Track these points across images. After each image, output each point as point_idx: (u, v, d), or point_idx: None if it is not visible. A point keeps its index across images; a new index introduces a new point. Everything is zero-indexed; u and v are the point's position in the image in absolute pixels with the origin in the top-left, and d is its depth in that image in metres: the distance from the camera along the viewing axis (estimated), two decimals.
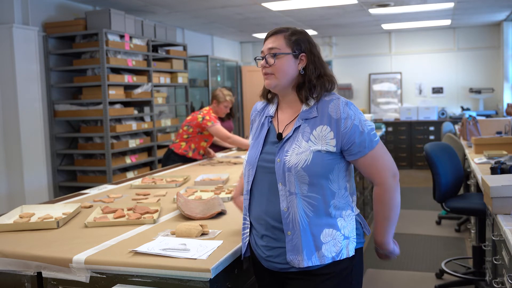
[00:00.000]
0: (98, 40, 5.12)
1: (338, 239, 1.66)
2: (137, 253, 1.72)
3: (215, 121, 4.31)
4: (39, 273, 1.77)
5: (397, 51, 9.79)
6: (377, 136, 1.71)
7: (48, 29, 5.21)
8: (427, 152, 3.68)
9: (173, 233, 1.95)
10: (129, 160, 5.55)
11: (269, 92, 1.84)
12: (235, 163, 4.07)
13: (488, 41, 9.20)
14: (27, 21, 4.90)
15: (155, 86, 6.08)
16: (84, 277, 1.70)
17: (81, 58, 5.37)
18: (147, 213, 2.31)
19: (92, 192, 3.02)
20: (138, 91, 5.66)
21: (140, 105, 6.01)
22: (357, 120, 1.67)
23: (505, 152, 3.86)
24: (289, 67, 1.72)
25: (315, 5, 6.40)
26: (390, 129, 9.32)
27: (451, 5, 6.78)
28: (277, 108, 1.83)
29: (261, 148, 1.77)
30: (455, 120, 8.65)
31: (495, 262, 2.51)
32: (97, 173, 5.42)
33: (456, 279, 3.82)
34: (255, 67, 10.24)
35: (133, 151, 5.75)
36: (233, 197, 2.09)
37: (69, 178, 5.57)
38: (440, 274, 3.96)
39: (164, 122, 6.26)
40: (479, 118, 5.35)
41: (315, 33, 9.23)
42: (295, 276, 1.69)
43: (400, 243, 4.94)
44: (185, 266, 1.59)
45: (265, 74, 1.75)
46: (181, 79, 6.59)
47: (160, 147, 6.20)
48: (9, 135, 4.76)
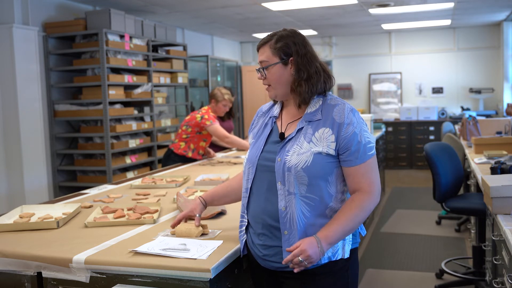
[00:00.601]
0: (98, 40, 5.12)
1: None
2: (137, 253, 1.72)
3: (213, 120, 4.31)
4: (39, 273, 1.77)
5: (397, 51, 9.79)
6: (373, 150, 1.70)
7: (48, 29, 5.21)
8: (427, 152, 3.68)
9: (173, 233, 1.95)
10: (129, 160, 5.55)
11: None
12: (235, 163, 4.07)
13: (488, 41, 9.20)
14: (27, 21, 4.90)
15: (155, 86, 6.08)
16: (84, 277, 1.70)
17: (81, 58, 5.37)
18: (147, 213, 2.31)
19: (92, 192, 3.02)
20: (138, 91, 5.66)
21: (140, 105, 6.01)
22: (358, 128, 1.67)
23: (505, 152, 3.86)
24: (281, 76, 1.74)
25: (315, 5, 6.40)
26: (390, 129, 9.32)
27: (451, 5, 6.78)
28: (281, 109, 1.85)
29: (262, 147, 1.78)
30: (455, 120, 8.65)
31: (495, 262, 2.51)
32: (97, 173, 5.42)
33: (456, 279, 3.82)
34: (255, 67, 10.24)
35: (133, 151, 5.75)
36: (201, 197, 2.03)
37: (69, 178, 5.57)
38: (440, 274, 3.96)
39: (164, 122, 6.26)
40: (479, 118, 5.35)
41: (315, 33, 9.24)
42: (291, 275, 1.70)
43: (400, 243, 4.96)
44: (185, 266, 1.59)
45: (265, 85, 1.80)
46: (181, 79, 6.59)
47: (160, 147, 6.20)
48: (9, 135, 4.76)
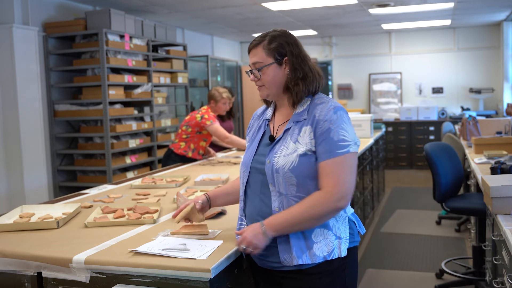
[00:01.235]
0: (98, 40, 5.12)
1: (330, 239, 1.68)
2: (137, 253, 1.72)
3: (213, 120, 4.31)
4: (39, 273, 1.77)
5: (397, 51, 9.79)
6: (346, 149, 1.63)
7: (48, 29, 5.21)
8: (427, 152, 3.68)
9: (173, 233, 1.95)
10: (129, 160, 5.55)
11: None
12: (235, 163, 4.07)
13: (488, 41, 9.20)
14: (27, 21, 4.90)
15: (155, 86, 6.08)
16: (84, 277, 1.70)
17: (81, 58, 5.37)
18: (147, 213, 2.31)
19: (92, 192, 3.02)
20: (138, 91, 5.66)
21: (140, 105, 6.01)
22: (334, 125, 1.65)
23: (505, 152, 3.86)
24: (275, 76, 1.74)
25: (315, 5, 6.40)
26: (390, 129, 9.32)
27: (451, 5, 6.79)
28: (274, 111, 1.86)
29: (255, 150, 1.81)
30: (455, 120, 8.65)
31: (495, 262, 2.51)
32: (97, 173, 5.42)
33: (456, 279, 3.82)
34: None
35: (133, 151, 5.75)
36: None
37: (69, 178, 5.57)
38: (440, 274, 3.96)
39: (164, 122, 6.26)
40: (479, 118, 5.35)
41: (315, 33, 9.24)
42: (288, 275, 1.71)
43: (400, 243, 4.96)
44: (185, 266, 1.59)
45: (257, 85, 1.79)
46: (181, 79, 6.59)
47: (160, 147, 6.20)
48: (9, 135, 4.76)
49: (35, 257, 1.76)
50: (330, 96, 9.97)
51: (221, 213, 2.28)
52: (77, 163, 5.45)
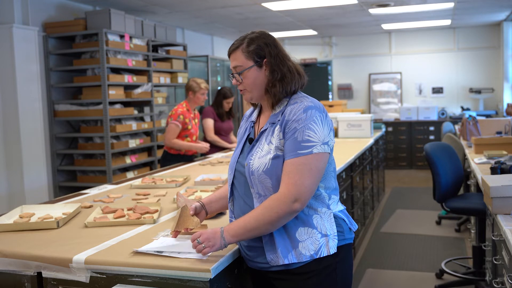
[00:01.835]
0: (98, 40, 5.12)
1: (316, 237, 1.66)
2: (137, 253, 1.72)
3: (174, 118, 4.29)
4: (39, 273, 1.77)
5: (397, 51, 9.79)
6: (309, 151, 1.61)
7: (48, 29, 5.21)
8: (427, 152, 3.68)
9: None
10: (129, 160, 5.55)
11: None
12: None
13: (488, 41, 9.20)
14: (27, 21, 4.90)
15: (155, 86, 6.08)
16: (84, 277, 1.70)
17: (81, 58, 5.37)
18: (147, 213, 2.31)
19: (92, 192, 3.02)
20: (138, 91, 5.66)
21: (140, 105, 6.01)
22: (302, 125, 1.63)
23: (505, 152, 3.86)
24: (256, 79, 1.74)
25: (315, 5, 6.40)
26: (390, 129, 9.32)
27: (451, 5, 6.79)
28: (260, 113, 1.87)
29: (239, 153, 1.82)
30: (455, 120, 8.65)
31: (495, 262, 2.51)
32: (97, 173, 5.42)
33: (456, 279, 3.82)
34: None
35: (133, 151, 5.75)
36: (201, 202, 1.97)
37: (69, 178, 5.57)
38: (440, 274, 3.96)
39: (164, 122, 6.26)
40: (479, 118, 5.35)
41: (315, 33, 9.24)
42: (277, 276, 1.71)
43: (400, 243, 4.96)
44: (185, 266, 1.59)
45: (239, 90, 1.79)
46: (181, 79, 6.59)
47: (160, 147, 6.19)
48: (9, 135, 4.76)
49: (35, 257, 1.76)
50: (330, 96, 9.98)
51: (221, 213, 2.28)
52: (77, 163, 5.45)
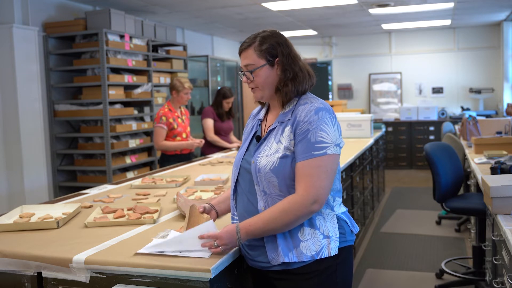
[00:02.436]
0: (98, 40, 5.12)
1: (318, 238, 1.67)
2: (137, 253, 1.71)
3: (157, 121, 4.31)
4: (39, 273, 1.77)
5: (397, 51, 9.79)
6: (324, 153, 1.62)
7: (48, 29, 5.21)
8: (427, 152, 3.68)
9: None
10: (129, 160, 5.55)
11: None
12: None
13: (488, 41, 9.20)
14: (27, 21, 4.90)
15: (155, 86, 6.08)
16: (84, 277, 1.70)
17: (81, 58, 5.37)
18: (147, 213, 2.31)
19: (92, 192, 3.02)
20: (138, 91, 5.66)
21: (140, 105, 6.01)
22: (314, 126, 1.64)
23: (505, 152, 3.86)
24: (268, 77, 1.75)
25: (315, 5, 6.41)
26: (390, 129, 9.32)
27: (451, 5, 6.79)
28: (267, 111, 1.87)
29: (245, 150, 1.83)
30: (455, 120, 8.65)
31: (495, 262, 2.51)
32: (97, 173, 5.42)
33: (456, 279, 3.82)
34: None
35: (133, 151, 5.75)
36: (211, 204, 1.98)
37: (69, 178, 5.57)
38: (440, 274, 3.96)
39: None
40: (479, 118, 5.35)
41: (315, 33, 9.24)
42: (278, 276, 1.71)
43: (400, 243, 4.95)
44: (185, 266, 1.59)
45: (250, 88, 1.80)
46: None
47: None
48: (9, 135, 4.76)
49: (35, 257, 1.76)
50: (330, 96, 9.98)
51: None
52: (77, 163, 5.45)
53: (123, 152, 5.56)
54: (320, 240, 1.67)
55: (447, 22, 8.42)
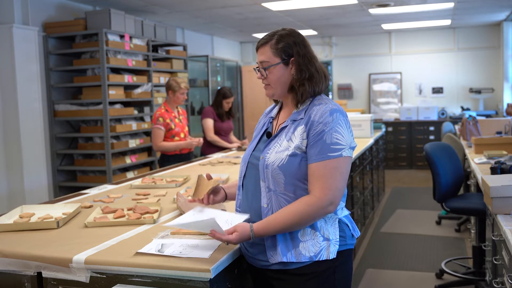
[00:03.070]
0: (98, 40, 5.12)
1: (317, 240, 1.67)
2: (137, 253, 1.72)
3: (154, 122, 4.32)
4: (39, 273, 1.77)
5: (397, 51, 9.79)
6: (338, 153, 1.63)
7: (48, 29, 5.21)
8: (427, 152, 3.68)
9: (173, 233, 1.95)
10: (129, 160, 5.55)
11: None
12: (235, 163, 4.06)
13: (488, 41, 9.20)
14: (27, 21, 4.90)
15: (155, 86, 6.08)
16: (84, 277, 1.70)
17: (81, 58, 5.37)
18: (147, 213, 2.31)
19: (92, 192, 3.02)
20: (138, 91, 5.66)
21: (140, 105, 6.01)
22: (329, 127, 1.64)
23: (505, 152, 3.86)
24: (282, 76, 1.75)
25: (315, 5, 6.41)
26: (390, 129, 9.32)
27: (451, 5, 6.79)
28: (280, 109, 1.87)
29: (254, 146, 1.83)
30: (455, 120, 8.65)
31: (495, 262, 2.51)
32: (97, 173, 5.42)
33: (456, 279, 3.82)
34: (255, 66, 10.24)
35: (133, 151, 5.75)
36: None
37: (69, 178, 5.57)
38: (440, 274, 3.96)
39: None
40: (479, 118, 5.35)
41: (315, 33, 9.24)
42: (276, 275, 1.71)
43: (400, 243, 4.95)
44: (185, 266, 1.59)
45: (263, 84, 1.80)
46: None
47: None
48: (9, 135, 4.76)
49: (35, 257, 1.76)
50: (330, 96, 9.98)
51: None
52: (77, 163, 5.45)
53: (123, 152, 5.56)
54: (320, 242, 1.66)
55: (447, 22, 8.42)
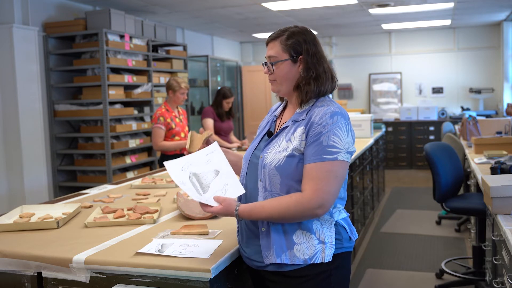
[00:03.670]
0: (98, 40, 5.12)
1: (312, 243, 1.65)
2: (137, 253, 1.71)
3: (155, 121, 4.31)
4: (39, 273, 1.77)
5: (397, 51, 9.79)
6: (335, 158, 1.60)
7: (48, 29, 5.21)
8: (427, 152, 3.68)
9: (173, 234, 1.95)
10: (129, 160, 5.55)
11: None
12: None
13: (488, 41, 9.20)
14: (27, 21, 4.90)
15: (155, 86, 6.08)
16: (84, 277, 1.70)
17: (81, 58, 5.37)
18: (147, 213, 2.31)
19: (92, 192, 3.02)
20: (138, 91, 5.66)
21: (140, 105, 6.01)
22: (327, 129, 1.61)
23: (505, 152, 3.86)
24: (289, 73, 1.73)
25: (315, 5, 6.40)
26: (390, 129, 9.32)
27: (451, 5, 6.79)
28: (284, 108, 1.86)
29: (256, 145, 1.82)
30: (455, 120, 8.65)
31: (495, 262, 2.51)
32: (97, 173, 5.42)
33: (456, 279, 3.82)
34: (255, 67, 10.24)
35: (133, 151, 5.75)
36: None
37: (69, 178, 5.57)
38: (440, 274, 3.96)
39: None
40: (479, 118, 5.35)
41: (315, 33, 9.22)
42: (272, 277, 1.70)
43: (400, 243, 4.95)
44: (185, 266, 1.59)
45: (269, 79, 1.79)
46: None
47: None
48: (9, 135, 4.76)
49: (35, 257, 1.77)
50: (330, 96, 9.97)
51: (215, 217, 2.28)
52: (77, 163, 5.45)
53: (123, 152, 5.56)
54: (315, 245, 1.64)
55: (447, 22, 8.42)
